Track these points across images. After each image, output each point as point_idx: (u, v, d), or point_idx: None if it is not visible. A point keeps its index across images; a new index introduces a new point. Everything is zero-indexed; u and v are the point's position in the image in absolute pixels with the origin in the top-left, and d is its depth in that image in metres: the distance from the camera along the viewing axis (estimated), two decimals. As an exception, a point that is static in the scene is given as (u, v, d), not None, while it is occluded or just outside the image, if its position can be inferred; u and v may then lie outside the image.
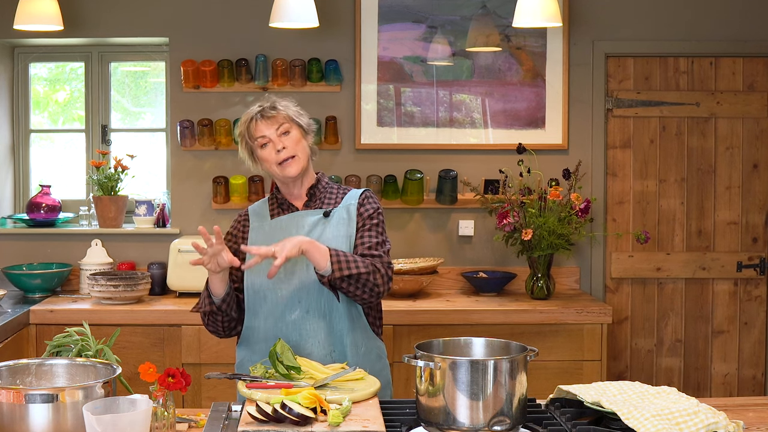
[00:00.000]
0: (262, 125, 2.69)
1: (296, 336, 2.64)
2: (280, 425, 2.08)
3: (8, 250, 4.48)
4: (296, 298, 2.65)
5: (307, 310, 2.65)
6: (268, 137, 2.69)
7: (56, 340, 2.39)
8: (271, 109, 2.70)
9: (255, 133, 2.70)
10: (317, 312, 2.65)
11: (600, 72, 4.52)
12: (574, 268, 4.54)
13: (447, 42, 4.48)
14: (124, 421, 1.87)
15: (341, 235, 2.69)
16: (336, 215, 2.72)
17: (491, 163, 4.46)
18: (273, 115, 2.69)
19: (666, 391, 2.29)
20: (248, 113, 2.74)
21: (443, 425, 2.13)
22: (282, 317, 2.66)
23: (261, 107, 2.71)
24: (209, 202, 4.48)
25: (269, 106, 2.71)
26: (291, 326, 2.65)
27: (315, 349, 2.63)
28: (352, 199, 2.75)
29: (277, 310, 2.66)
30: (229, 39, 4.45)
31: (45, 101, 4.80)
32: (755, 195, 4.58)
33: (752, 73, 4.55)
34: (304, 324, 2.65)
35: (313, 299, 2.65)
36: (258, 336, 2.69)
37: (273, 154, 2.68)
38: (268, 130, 2.69)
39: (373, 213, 2.72)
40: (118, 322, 3.85)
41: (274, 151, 2.68)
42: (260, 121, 2.69)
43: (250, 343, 2.71)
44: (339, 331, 2.65)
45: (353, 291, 2.59)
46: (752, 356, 4.61)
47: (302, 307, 2.65)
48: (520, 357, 2.16)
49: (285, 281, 2.66)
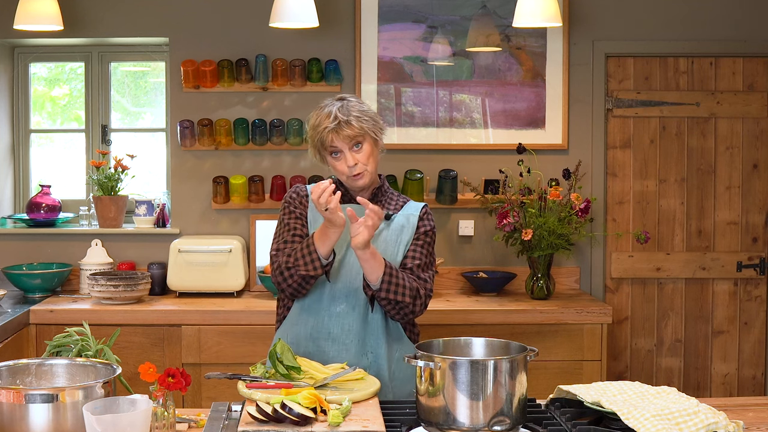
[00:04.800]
0: (335, 138, 2.66)
1: (338, 329, 2.68)
2: (280, 425, 2.08)
3: (8, 250, 4.48)
4: (343, 293, 2.69)
5: (353, 307, 2.68)
6: (339, 149, 2.67)
7: (56, 340, 2.39)
8: (347, 125, 2.64)
9: (327, 142, 2.67)
10: (360, 311, 2.68)
11: (600, 72, 4.52)
12: (574, 268, 4.54)
13: (447, 42, 4.48)
14: (124, 421, 1.87)
15: (397, 241, 2.73)
16: (396, 220, 2.75)
17: (491, 163, 4.46)
18: (349, 134, 2.65)
19: (666, 391, 2.29)
20: (323, 120, 2.67)
21: (443, 425, 2.13)
22: (327, 307, 2.69)
23: (337, 121, 2.65)
24: (209, 202, 4.48)
25: (345, 120, 2.65)
26: (334, 319, 2.68)
27: (353, 347, 2.68)
28: (413, 209, 2.79)
29: (323, 299, 2.70)
30: (229, 39, 4.45)
31: (45, 101, 4.80)
32: (755, 195, 4.58)
33: (752, 73, 4.55)
34: (346, 319, 2.68)
35: (360, 298, 2.68)
36: (301, 319, 2.71)
37: (345, 168, 2.69)
38: (341, 143, 2.67)
39: (430, 230, 2.77)
40: (118, 322, 3.85)
41: (345, 164, 2.68)
42: (335, 135, 2.65)
43: (292, 325, 2.73)
44: (377, 333, 2.69)
45: (389, 309, 2.64)
46: (752, 356, 4.61)
47: (349, 303, 2.68)
48: (520, 357, 2.16)
49: (338, 272, 2.69)
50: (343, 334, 2.68)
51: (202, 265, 4.15)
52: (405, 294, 2.62)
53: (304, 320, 2.71)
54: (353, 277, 2.69)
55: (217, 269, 4.18)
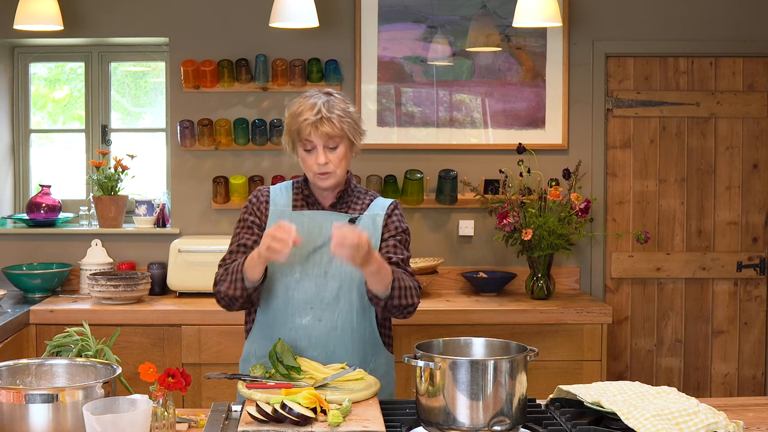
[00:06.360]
0: (313, 131, 2.56)
1: (304, 343, 2.59)
2: (280, 425, 2.08)
3: (8, 250, 4.48)
4: (309, 304, 2.60)
5: (320, 319, 2.60)
6: (314, 144, 2.58)
7: (56, 340, 2.39)
8: (328, 122, 2.55)
9: (304, 134, 2.57)
10: (329, 322, 2.59)
11: (600, 72, 4.52)
12: (574, 268, 4.54)
13: (447, 42, 4.48)
14: (124, 421, 1.87)
15: None
16: (361, 223, 2.64)
17: (491, 163, 4.46)
18: (328, 131, 2.56)
19: (666, 391, 2.29)
20: (305, 111, 2.58)
21: (443, 425, 2.13)
22: (292, 320, 2.60)
23: (319, 116, 2.55)
24: (209, 202, 4.48)
25: (327, 117, 2.56)
26: (301, 331, 2.59)
27: (321, 359, 2.56)
28: (379, 209, 2.69)
29: (287, 311, 2.61)
30: (229, 39, 4.45)
31: (45, 101, 4.80)
32: (755, 195, 4.58)
33: (752, 73, 4.55)
34: (313, 332, 2.59)
35: (327, 308, 2.60)
36: (266, 333, 2.64)
37: (314, 164, 2.58)
38: (317, 139, 2.57)
39: (399, 228, 2.68)
40: (118, 322, 3.85)
41: (316, 161, 2.58)
42: (314, 129, 2.56)
43: (257, 339, 2.68)
44: (345, 344, 2.60)
45: (394, 313, 2.58)
46: (752, 356, 4.61)
47: (314, 315, 2.60)
48: (520, 357, 2.16)
49: (300, 282, 2.60)
50: (310, 347, 2.58)
51: (202, 265, 4.15)
52: (413, 295, 2.57)
53: (269, 334, 2.62)
54: (318, 288, 2.60)
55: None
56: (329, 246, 2.48)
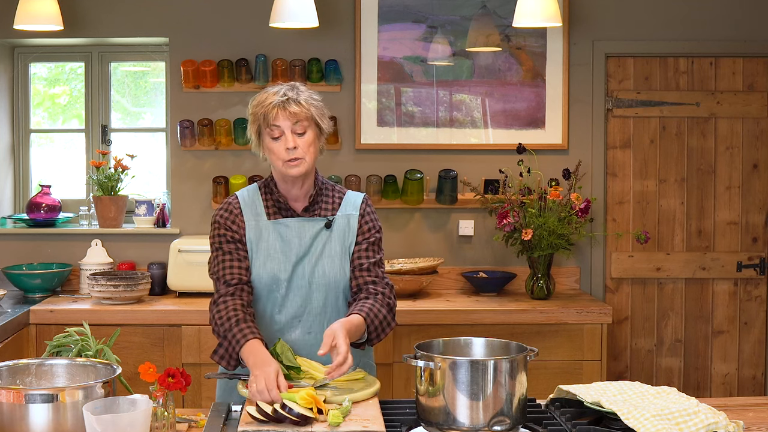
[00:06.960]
0: (281, 115, 2.53)
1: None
2: (280, 425, 2.08)
3: (8, 250, 4.48)
4: (296, 318, 2.62)
5: (309, 331, 2.61)
6: (282, 130, 2.54)
7: (56, 340, 2.39)
8: (295, 103, 2.53)
9: (271, 120, 2.53)
10: (319, 333, 2.58)
11: (600, 72, 4.52)
12: (574, 268, 4.54)
13: (447, 42, 4.48)
14: (124, 421, 1.87)
15: (344, 249, 2.64)
16: (337, 226, 2.65)
17: (491, 163, 4.46)
18: (295, 111, 2.53)
19: (666, 391, 2.29)
20: (270, 96, 2.56)
21: (443, 425, 2.14)
22: (281, 335, 2.61)
23: (286, 97, 2.54)
24: (209, 202, 4.48)
25: (294, 98, 2.54)
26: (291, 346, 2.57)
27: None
28: (351, 208, 2.68)
29: (275, 329, 2.62)
30: (229, 39, 4.45)
31: (45, 101, 4.80)
32: (755, 195, 4.58)
33: (752, 73, 4.55)
34: (303, 346, 2.60)
35: (315, 320, 2.62)
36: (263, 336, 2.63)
37: (282, 151, 2.54)
38: (285, 123, 2.53)
39: (372, 228, 2.68)
40: (118, 322, 3.85)
41: (284, 147, 2.54)
42: (281, 111, 2.53)
43: None
44: None
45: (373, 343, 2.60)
46: (752, 356, 4.61)
47: (303, 328, 2.62)
48: (520, 357, 2.16)
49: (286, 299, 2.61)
50: None
51: (202, 265, 4.13)
52: (388, 323, 2.58)
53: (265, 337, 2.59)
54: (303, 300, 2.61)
55: (217, 269, 4.18)
56: (310, 256, 2.58)
